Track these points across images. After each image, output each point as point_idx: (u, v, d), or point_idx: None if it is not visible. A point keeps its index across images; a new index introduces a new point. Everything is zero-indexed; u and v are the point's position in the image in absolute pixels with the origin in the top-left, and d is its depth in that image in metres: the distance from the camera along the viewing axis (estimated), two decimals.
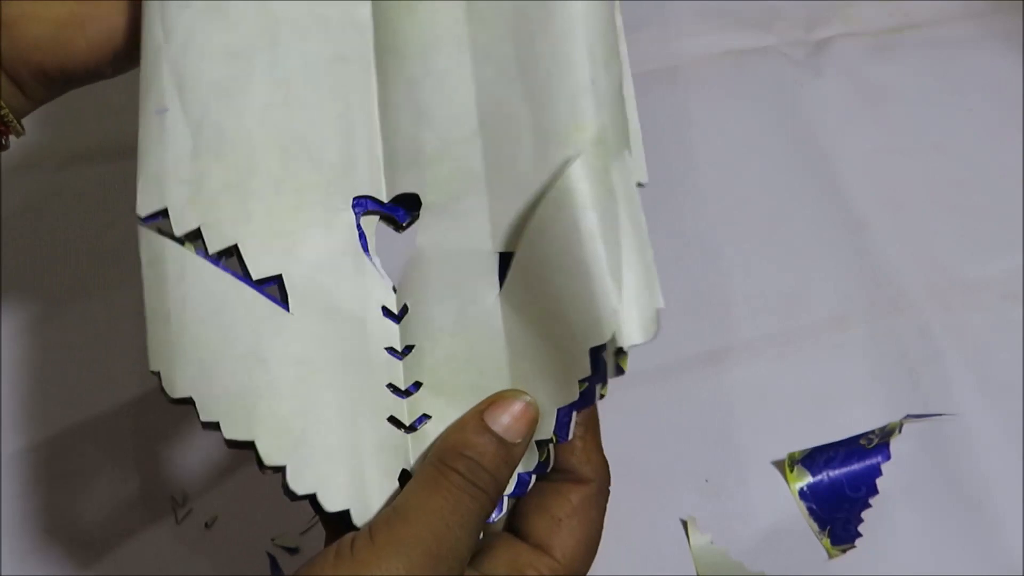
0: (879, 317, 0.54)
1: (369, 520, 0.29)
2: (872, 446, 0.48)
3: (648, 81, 0.60)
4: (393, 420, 0.30)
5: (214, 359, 0.28)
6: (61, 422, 0.50)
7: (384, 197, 0.31)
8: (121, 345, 0.52)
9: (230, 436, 0.28)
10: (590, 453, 0.30)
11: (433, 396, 0.30)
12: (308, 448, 0.29)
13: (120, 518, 0.48)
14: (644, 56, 0.62)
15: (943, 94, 0.62)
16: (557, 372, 0.28)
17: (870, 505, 0.48)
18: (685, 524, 0.48)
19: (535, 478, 0.30)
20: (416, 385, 0.31)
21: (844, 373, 0.53)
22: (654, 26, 0.64)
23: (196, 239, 0.29)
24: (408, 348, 0.31)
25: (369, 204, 0.31)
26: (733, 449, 0.50)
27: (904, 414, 0.50)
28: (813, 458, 0.49)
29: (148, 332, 0.29)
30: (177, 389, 0.28)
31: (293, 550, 0.47)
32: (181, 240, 0.29)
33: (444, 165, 0.31)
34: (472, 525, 0.28)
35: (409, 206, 0.32)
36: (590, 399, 0.29)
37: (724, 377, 0.52)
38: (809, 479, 0.49)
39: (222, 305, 0.29)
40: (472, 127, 0.30)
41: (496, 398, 0.29)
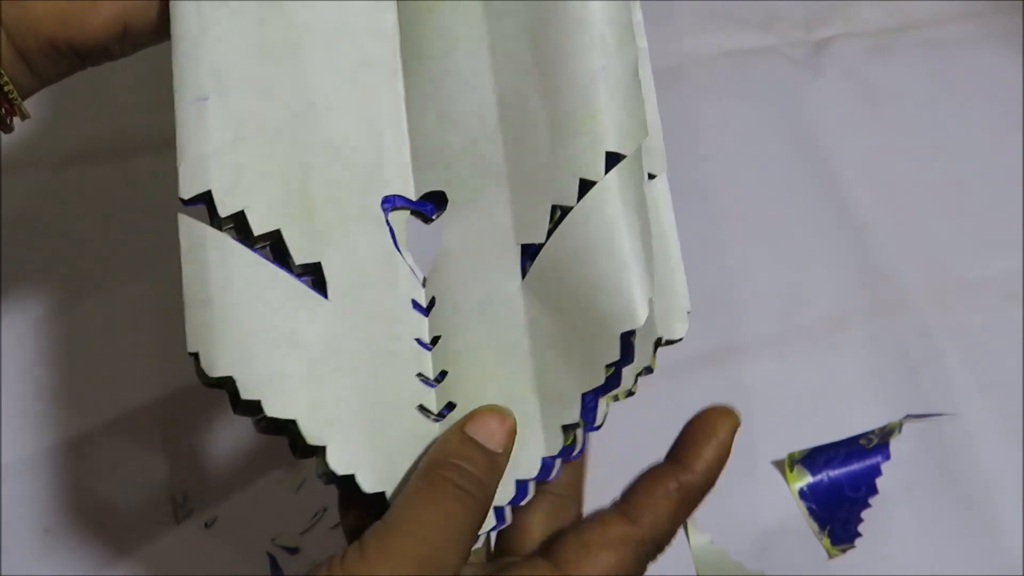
0: (879, 317, 0.54)
1: None
2: (872, 446, 0.48)
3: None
4: (422, 409, 0.31)
5: (253, 341, 0.29)
6: (60, 425, 0.50)
7: (413, 196, 0.32)
8: (122, 346, 0.52)
9: (272, 413, 0.29)
10: (664, 507, 0.29)
11: (459, 384, 0.31)
12: (345, 430, 0.29)
13: (120, 518, 0.48)
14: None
15: (943, 94, 0.62)
16: (583, 358, 0.29)
17: (870, 505, 0.48)
18: (685, 524, 0.48)
19: (560, 463, 0.30)
20: (443, 374, 0.31)
21: (844, 373, 0.53)
22: (654, 26, 0.64)
23: (235, 225, 0.30)
24: (435, 339, 0.31)
25: (398, 201, 0.32)
26: (733, 449, 0.50)
27: (904, 414, 0.50)
28: (813, 458, 0.49)
29: (187, 316, 0.29)
30: (217, 368, 0.29)
31: (293, 550, 0.47)
32: (220, 225, 0.29)
33: (467, 161, 0.32)
34: (462, 535, 0.28)
35: (437, 202, 0.32)
36: (615, 383, 0.30)
37: (724, 377, 0.52)
38: (809, 479, 0.49)
39: (261, 290, 0.29)
40: (493, 123, 0.31)
41: (475, 413, 0.30)
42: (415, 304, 0.32)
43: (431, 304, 0.32)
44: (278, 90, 0.31)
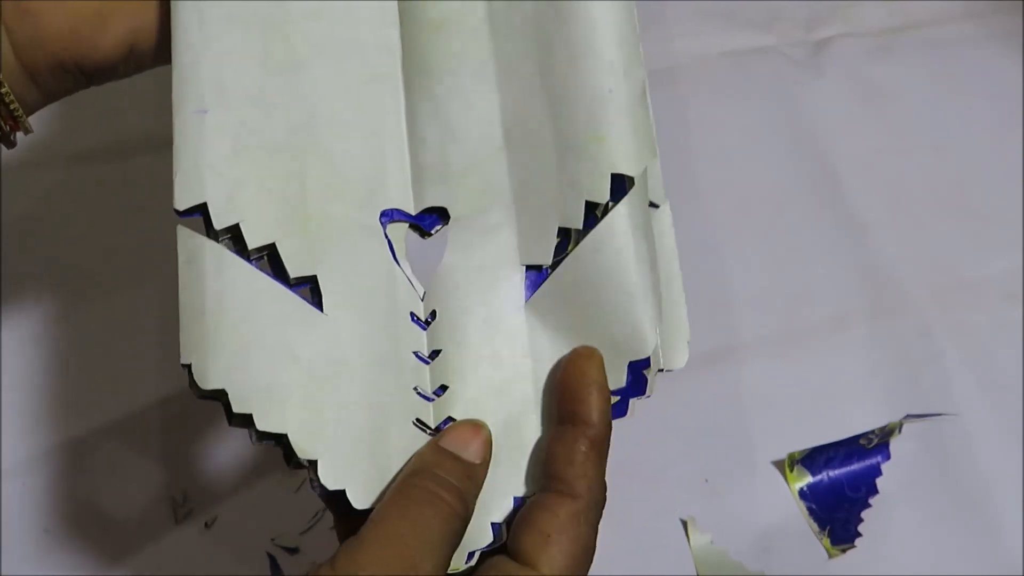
0: (879, 317, 0.54)
1: None
2: (872, 446, 0.48)
3: (648, 81, 0.60)
4: (419, 423, 0.31)
5: (248, 354, 0.29)
6: (60, 425, 0.50)
7: (412, 211, 0.32)
8: (122, 346, 0.52)
9: (263, 427, 0.29)
10: (588, 468, 0.29)
11: (458, 400, 0.31)
12: (339, 445, 0.29)
13: (120, 519, 0.48)
14: (644, 56, 0.62)
15: (943, 94, 0.62)
16: None
17: (870, 505, 0.48)
18: (685, 524, 0.48)
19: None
20: (442, 388, 0.31)
21: (844, 373, 0.53)
22: (654, 26, 0.64)
23: (231, 237, 0.30)
24: (435, 353, 0.31)
25: (397, 214, 0.32)
26: (733, 449, 0.51)
27: (904, 414, 0.50)
28: (813, 458, 0.49)
29: (181, 327, 0.29)
30: (210, 380, 0.28)
31: (293, 550, 0.47)
32: (216, 236, 0.29)
33: (471, 180, 0.32)
34: (437, 541, 0.27)
35: (438, 217, 0.32)
36: (621, 411, 0.30)
37: (724, 377, 0.52)
38: (809, 479, 0.49)
39: (257, 302, 0.29)
40: (498, 142, 0.31)
41: (449, 427, 0.30)
42: (414, 317, 0.31)
43: (431, 318, 0.31)
44: (280, 104, 0.31)
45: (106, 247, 0.55)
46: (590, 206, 0.29)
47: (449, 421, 0.31)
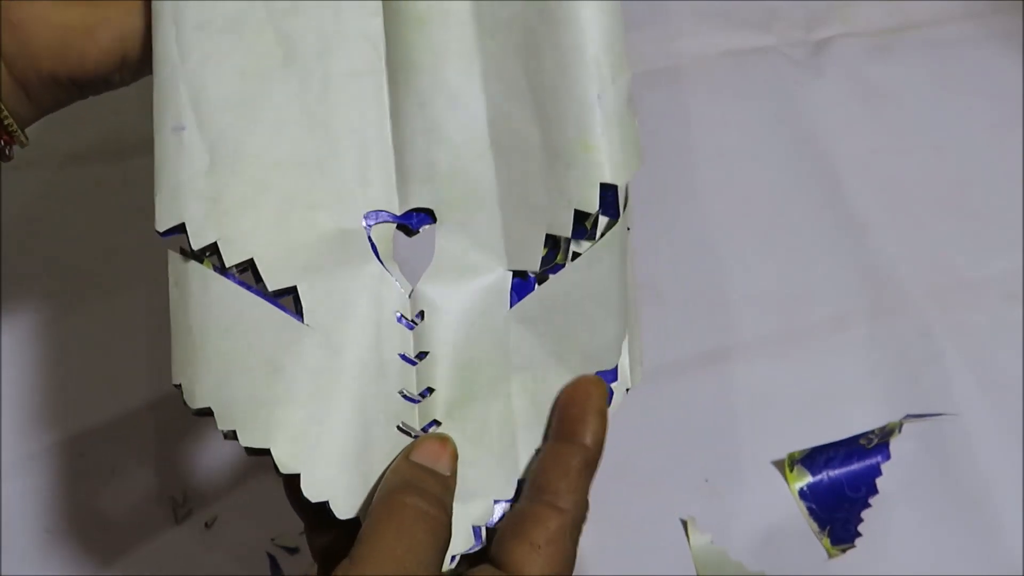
0: (879, 317, 0.54)
1: None
2: (872, 446, 0.48)
3: (648, 81, 0.60)
4: (403, 427, 0.31)
5: (232, 370, 0.29)
6: (60, 425, 0.50)
7: (397, 211, 0.32)
8: (122, 345, 0.52)
9: (247, 444, 0.29)
10: (580, 485, 0.30)
11: (443, 403, 0.31)
12: (322, 455, 0.30)
13: (120, 518, 0.48)
14: (644, 56, 0.62)
15: (943, 94, 0.62)
16: (561, 386, 0.31)
17: (870, 505, 0.48)
18: (685, 524, 0.48)
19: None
20: (428, 391, 0.31)
21: (844, 373, 0.53)
22: (654, 26, 0.64)
23: (214, 253, 0.30)
24: (421, 354, 0.31)
25: (382, 215, 0.32)
26: (733, 449, 0.51)
27: (904, 414, 0.50)
28: (813, 458, 0.49)
29: (173, 347, 0.30)
30: (197, 400, 0.29)
31: (293, 550, 0.47)
32: (199, 255, 0.30)
33: (457, 182, 0.31)
34: (431, 560, 0.28)
35: (424, 217, 0.32)
36: None
37: (724, 377, 0.52)
38: (809, 479, 0.49)
39: (240, 318, 0.30)
40: (484, 144, 0.31)
41: (419, 443, 0.30)
42: (400, 317, 0.31)
43: (418, 319, 0.31)
44: (260, 107, 0.31)
45: (105, 247, 0.55)
46: (579, 215, 0.29)
47: (434, 424, 0.31)
